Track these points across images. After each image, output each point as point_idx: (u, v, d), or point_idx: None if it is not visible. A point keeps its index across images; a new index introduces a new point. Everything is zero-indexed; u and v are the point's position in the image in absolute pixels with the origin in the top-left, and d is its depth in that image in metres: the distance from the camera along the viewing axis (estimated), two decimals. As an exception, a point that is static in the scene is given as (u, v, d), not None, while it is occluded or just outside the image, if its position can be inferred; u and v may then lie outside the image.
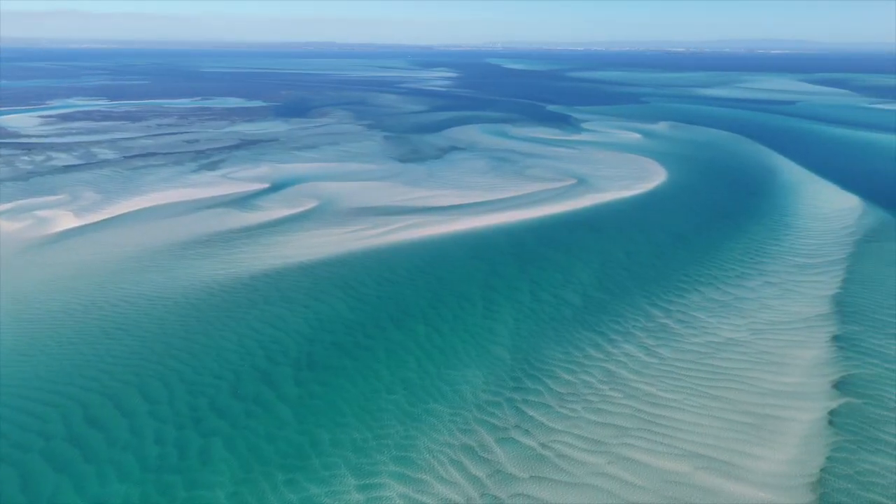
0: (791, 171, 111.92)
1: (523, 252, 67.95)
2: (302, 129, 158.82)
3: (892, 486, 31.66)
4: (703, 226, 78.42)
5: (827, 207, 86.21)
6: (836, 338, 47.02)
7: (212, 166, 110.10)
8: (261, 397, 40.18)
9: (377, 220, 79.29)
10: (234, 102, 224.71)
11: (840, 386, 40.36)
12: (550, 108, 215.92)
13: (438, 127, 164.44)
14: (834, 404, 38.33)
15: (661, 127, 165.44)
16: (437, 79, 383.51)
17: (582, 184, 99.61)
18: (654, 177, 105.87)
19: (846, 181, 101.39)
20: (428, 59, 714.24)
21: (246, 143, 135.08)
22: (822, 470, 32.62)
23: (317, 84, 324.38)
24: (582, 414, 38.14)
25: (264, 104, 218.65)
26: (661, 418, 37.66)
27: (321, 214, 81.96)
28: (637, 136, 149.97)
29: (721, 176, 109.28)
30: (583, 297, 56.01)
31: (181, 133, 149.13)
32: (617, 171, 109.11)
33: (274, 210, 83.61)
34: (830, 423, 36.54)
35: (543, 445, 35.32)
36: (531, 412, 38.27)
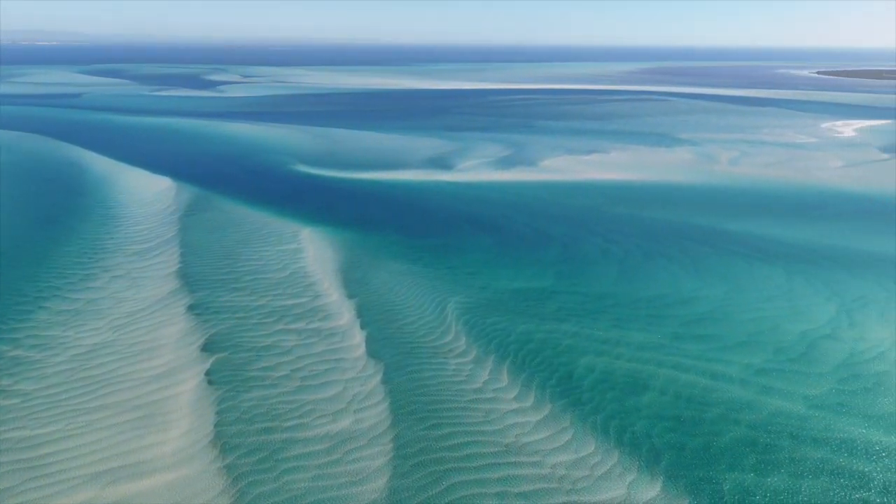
0: (100, 163, 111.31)
1: None
2: None
3: (325, 411, 37.76)
4: (26, 237, 70.03)
5: (145, 192, 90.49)
6: (191, 307, 51.31)
7: None
8: None
9: None
10: None
11: (207, 347, 44.69)
12: None
13: None
14: (207, 365, 42.29)
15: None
16: None
17: None
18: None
19: (153, 165, 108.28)
20: None
21: None
22: (215, 425, 35.95)
23: None
24: (-60, 505, 29.76)
25: None
26: (46, 457, 33.27)
27: None
28: None
29: (30, 181, 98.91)
30: None
31: None
32: None
33: None
34: (210, 382, 40.31)
35: None
36: None
